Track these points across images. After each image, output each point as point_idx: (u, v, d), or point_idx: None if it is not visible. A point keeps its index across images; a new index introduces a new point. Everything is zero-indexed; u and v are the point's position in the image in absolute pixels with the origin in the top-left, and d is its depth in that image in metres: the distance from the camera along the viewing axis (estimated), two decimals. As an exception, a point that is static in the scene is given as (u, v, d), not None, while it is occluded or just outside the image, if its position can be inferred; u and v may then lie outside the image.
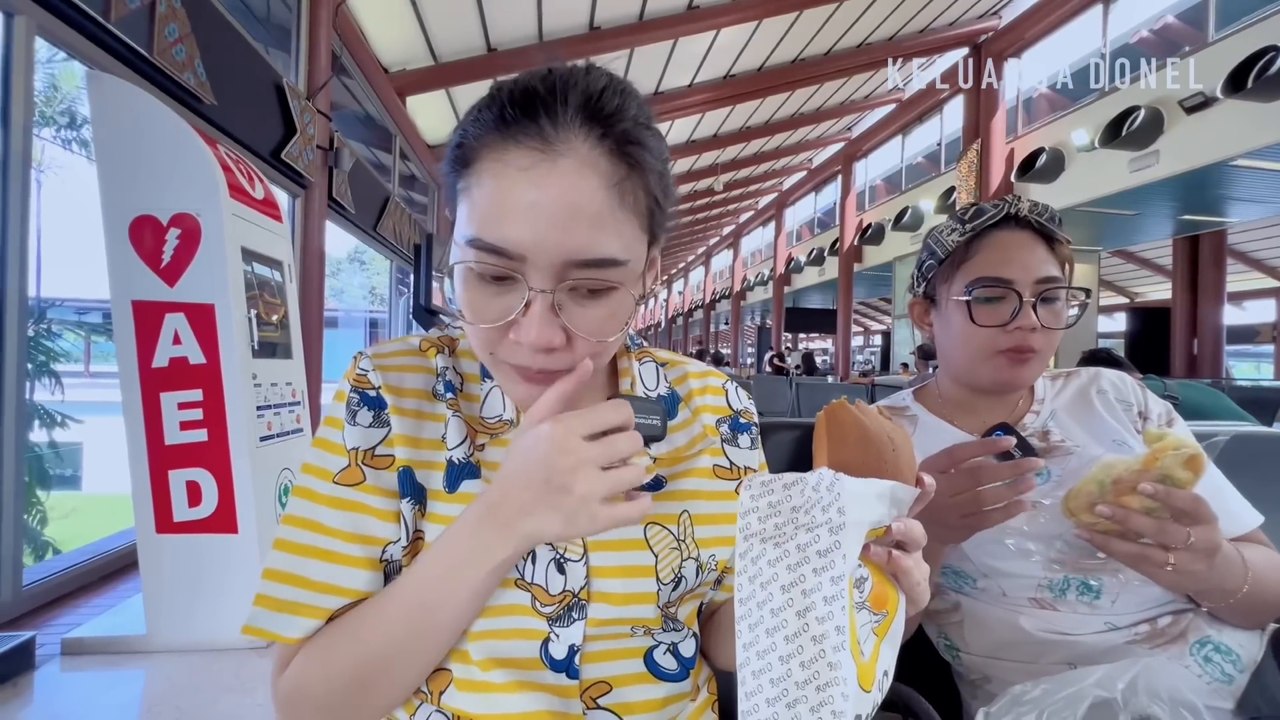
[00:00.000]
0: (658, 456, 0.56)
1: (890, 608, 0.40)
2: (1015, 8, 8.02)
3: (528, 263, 0.44)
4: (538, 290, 0.44)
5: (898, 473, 0.41)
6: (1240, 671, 0.65)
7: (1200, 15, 5.93)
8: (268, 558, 0.50)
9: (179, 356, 1.90)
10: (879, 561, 0.40)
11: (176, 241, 1.89)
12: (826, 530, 0.38)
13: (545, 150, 0.43)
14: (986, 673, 0.76)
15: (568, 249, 0.43)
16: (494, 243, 0.44)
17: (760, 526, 0.41)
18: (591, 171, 0.44)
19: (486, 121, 0.45)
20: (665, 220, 0.52)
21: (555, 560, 0.50)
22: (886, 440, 0.42)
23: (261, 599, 0.49)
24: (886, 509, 0.40)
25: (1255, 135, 5.16)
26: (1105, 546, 0.62)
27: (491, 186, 0.44)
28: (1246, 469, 0.97)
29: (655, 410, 0.54)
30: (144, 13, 2.47)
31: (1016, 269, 0.76)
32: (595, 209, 0.44)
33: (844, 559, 0.38)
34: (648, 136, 0.47)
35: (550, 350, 0.46)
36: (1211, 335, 9.28)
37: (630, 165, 0.46)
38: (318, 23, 4.24)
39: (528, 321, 0.44)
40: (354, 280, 16.08)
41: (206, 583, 1.87)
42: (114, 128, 1.87)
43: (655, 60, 7.24)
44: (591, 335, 0.46)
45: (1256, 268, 13.24)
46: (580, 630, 0.49)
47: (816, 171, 14.07)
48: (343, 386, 0.54)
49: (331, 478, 0.51)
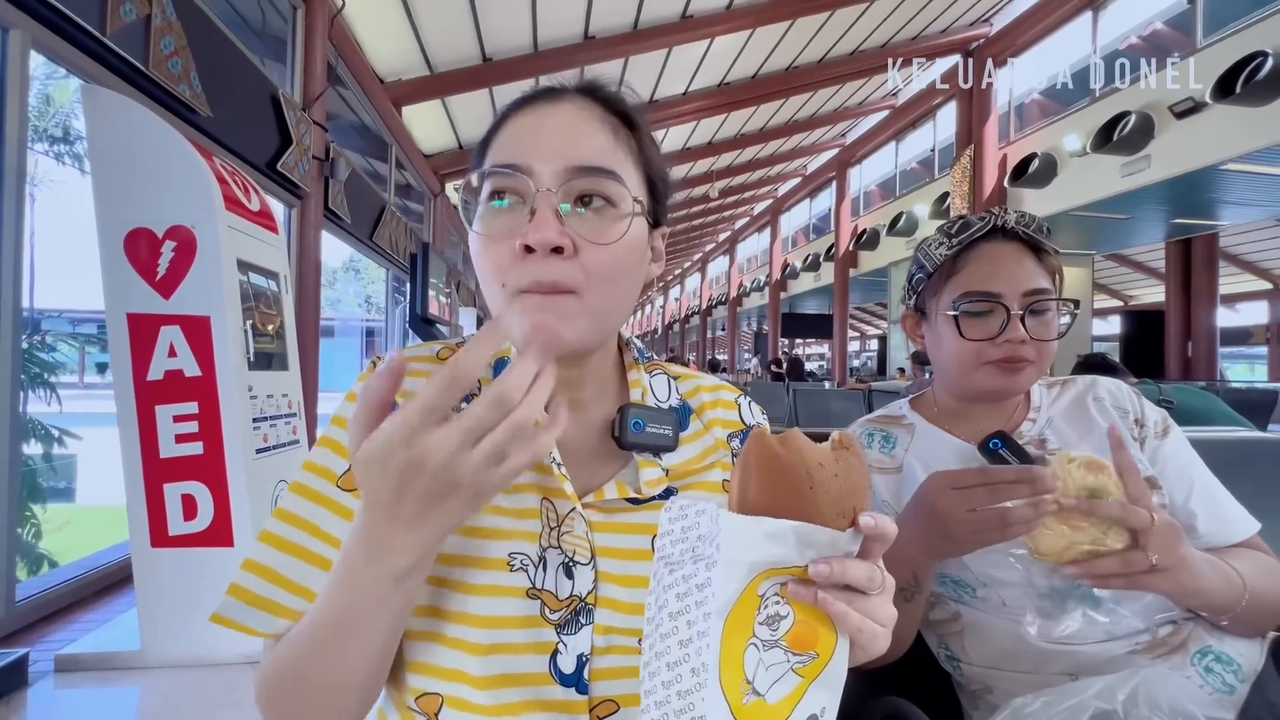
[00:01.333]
0: (669, 468, 0.55)
1: (822, 649, 0.38)
2: (1007, 14, 8.10)
3: (534, 175, 0.48)
4: (542, 190, 0.48)
5: (814, 511, 0.38)
6: (1241, 681, 0.65)
7: (1188, 21, 6.00)
8: (252, 549, 0.50)
9: (174, 369, 1.89)
10: (805, 601, 0.38)
11: (172, 254, 1.89)
12: (705, 565, 0.38)
13: (550, 99, 0.52)
14: (987, 683, 0.76)
15: (568, 157, 0.48)
16: (503, 159, 0.49)
17: (669, 550, 0.41)
18: (587, 111, 0.52)
19: (509, 106, 0.53)
20: (665, 204, 0.57)
21: (564, 564, 0.50)
22: (803, 477, 0.38)
23: (236, 589, 0.49)
24: (786, 550, 0.37)
25: (1245, 139, 5.21)
26: (1090, 572, 0.61)
27: (506, 133, 0.52)
28: (1242, 475, 0.97)
29: (667, 420, 0.55)
30: (139, 26, 2.48)
31: (1004, 282, 0.76)
32: (593, 132, 0.50)
33: (713, 596, 0.37)
34: (642, 118, 0.55)
35: (555, 251, 0.47)
36: (1205, 337, 9.34)
37: (624, 121, 0.53)
38: (313, 34, 4.25)
39: (534, 223, 0.47)
40: (350, 290, 16.07)
41: (202, 597, 1.85)
42: (109, 141, 1.87)
43: (650, 69, 7.28)
44: (596, 239, 0.48)
45: (1248, 270, 13.33)
46: (588, 638, 0.49)
47: (811, 178, 14.14)
48: (357, 388, 0.53)
49: (335, 480, 0.51)
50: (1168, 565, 0.60)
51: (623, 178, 0.50)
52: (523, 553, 0.50)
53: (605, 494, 0.52)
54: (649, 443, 0.54)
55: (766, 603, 0.38)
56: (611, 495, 0.52)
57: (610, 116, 0.53)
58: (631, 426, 0.53)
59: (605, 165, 0.49)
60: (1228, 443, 1.11)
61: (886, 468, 0.84)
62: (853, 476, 0.39)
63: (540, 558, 0.50)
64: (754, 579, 0.38)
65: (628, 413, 0.54)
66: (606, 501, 0.52)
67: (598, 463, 0.55)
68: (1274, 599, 0.67)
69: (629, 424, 0.53)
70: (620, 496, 0.53)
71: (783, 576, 0.38)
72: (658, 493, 0.54)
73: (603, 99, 0.53)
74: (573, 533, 0.51)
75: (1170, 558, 0.60)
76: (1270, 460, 1.10)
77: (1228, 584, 0.64)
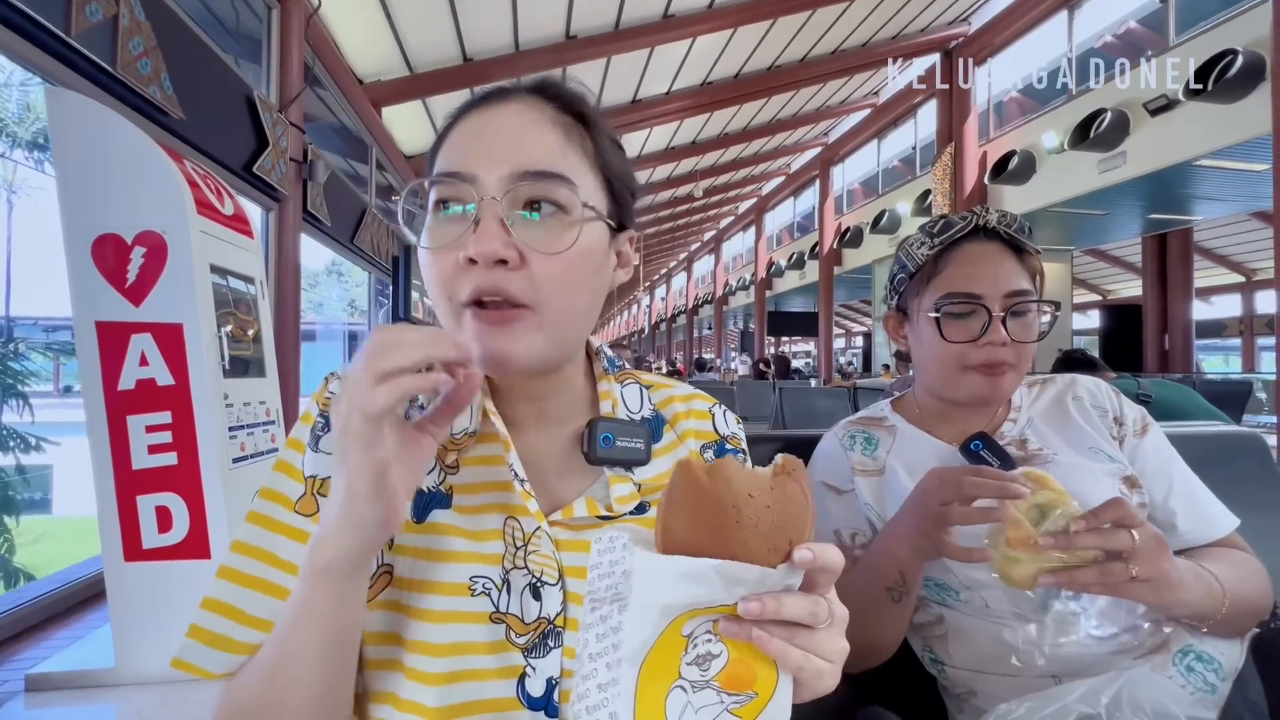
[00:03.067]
0: (641, 482, 0.53)
1: (760, 688, 0.36)
2: (984, 14, 8.19)
3: (478, 183, 0.46)
4: (486, 199, 0.45)
5: (739, 547, 0.35)
6: (1223, 680, 0.65)
7: (1160, 20, 6.10)
8: (210, 586, 0.47)
9: (146, 378, 1.84)
10: (738, 639, 0.35)
11: (142, 260, 1.84)
12: (619, 607, 0.36)
13: (500, 100, 0.49)
14: (972, 686, 0.75)
15: (514, 161, 0.46)
16: (448, 169, 0.47)
17: (595, 585, 0.38)
18: (537, 111, 0.49)
19: (459, 108, 0.51)
20: (629, 207, 0.54)
21: (531, 585, 0.48)
22: (728, 510, 0.35)
23: (196, 630, 0.46)
24: (709, 589, 0.35)
25: (1217, 136, 5.31)
26: (1071, 582, 0.60)
27: (453, 137, 0.50)
28: (1219, 469, 0.98)
29: (639, 433, 0.53)
30: (107, 26, 2.41)
31: (985, 283, 0.76)
32: (541, 134, 0.48)
33: (625, 642, 0.35)
34: (598, 115, 0.52)
35: (500, 263, 0.44)
36: (1181, 330, 9.52)
37: (577, 118, 0.50)
38: (289, 34, 4.18)
39: (476, 233, 0.45)
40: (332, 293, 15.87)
41: (178, 611, 1.81)
42: (75, 144, 1.82)
43: (633, 68, 7.27)
44: (545, 249, 0.45)
45: (1222, 263, 13.61)
46: (557, 661, 0.47)
47: (795, 176, 14.21)
48: (310, 408, 0.51)
49: (292, 505, 0.48)
50: (1149, 577, 0.59)
51: (574, 181, 0.47)
52: (485, 575, 0.47)
53: (574, 511, 0.50)
54: (620, 457, 0.52)
55: (695, 642, 0.36)
56: (581, 513, 0.50)
57: (563, 116, 0.50)
58: (601, 441, 0.51)
59: (553, 169, 0.47)
60: (1204, 437, 1.12)
61: (869, 470, 0.84)
62: (789, 507, 0.36)
63: (504, 580, 0.48)
64: (674, 620, 0.35)
65: (597, 427, 0.52)
66: (575, 519, 0.50)
67: (567, 478, 0.53)
68: (1254, 601, 0.67)
69: (598, 438, 0.51)
70: (590, 514, 0.51)
71: (712, 615, 0.36)
72: (629, 509, 0.52)
73: (554, 97, 0.50)
74: (539, 552, 0.49)
75: (1152, 570, 0.59)
76: (1245, 454, 1.11)
77: (1208, 592, 0.64)
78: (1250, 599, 0.67)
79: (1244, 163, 5.68)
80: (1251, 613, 0.67)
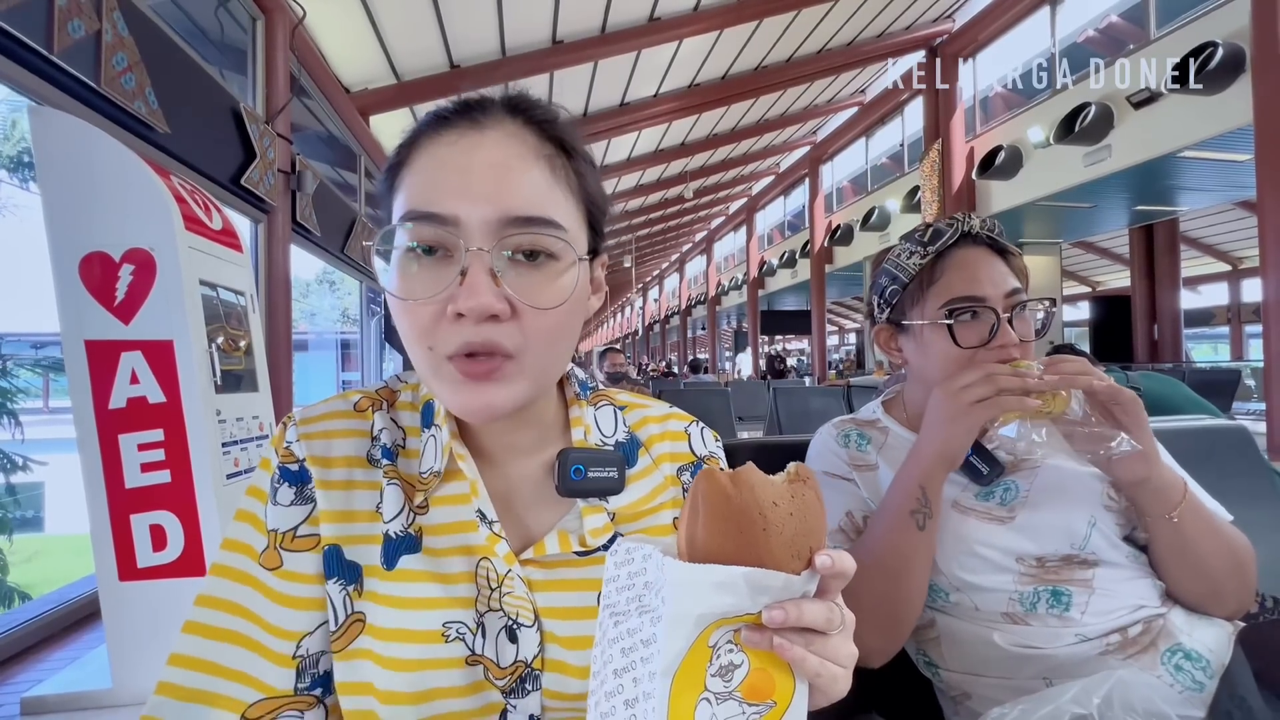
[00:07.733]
0: (615, 511, 0.52)
1: (779, 696, 0.36)
2: (967, 10, 8.25)
3: (461, 227, 0.42)
4: (474, 250, 0.42)
5: (767, 555, 0.35)
6: (1210, 677, 0.66)
7: (1141, 14, 6.16)
8: (177, 641, 0.45)
9: (137, 396, 1.83)
10: (760, 648, 0.36)
11: (130, 278, 1.83)
12: (650, 619, 0.36)
13: (474, 126, 0.45)
14: (966, 689, 0.76)
15: (502, 206, 0.43)
16: (426, 209, 0.43)
17: (615, 599, 0.38)
18: (519, 142, 0.45)
19: (422, 125, 0.47)
20: (603, 233, 0.52)
21: (507, 628, 0.46)
22: (756, 519, 0.36)
23: (165, 686, 0.44)
24: (738, 598, 0.35)
25: (1199, 127, 5.36)
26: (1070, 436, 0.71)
27: (423, 164, 0.45)
28: (1207, 462, 0.99)
29: (611, 461, 0.51)
30: (89, 42, 2.40)
31: (986, 286, 0.77)
32: (527, 171, 0.44)
33: (660, 654, 0.34)
34: (577, 138, 0.49)
35: (491, 318, 0.42)
36: (1170, 320, 9.61)
37: (559, 146, 0.47)
38: (274, 45, 4.17)
39: (465, 287, 0.41)
40: (325, 302, 15.79)
41: (175, 631, 1.79)
42: (60, 163, 1.81)
43: (620, 72, 7.28)
44: (535, 302, 0.43)
45: (1208, 253, 13.75)
46: (537, 701, 0.46)
47: (784, 175, 14.25)
48: (268, 455, 0.50)
49: (257, 557, 0.47)
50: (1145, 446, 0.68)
51: (563, 225, 0.45)
52: (459, 621, 0.46)
53: (546, 548, 0.49)
54: (592, 488, 0.50)
55: (719, 653, 0.36)
56: (553, 549, 0.49)
57: (545, 145, 0.46)
58: (571, 473, 0.50)
59: (544, 214, 0.44)
60: (1192, 431, 1.13)
61: (864, 465, 0.84)
62: (809, 515, 0.37)
63: (478, 624, 0.46)
64: (704, 631, 0.35)
65: (567, 458, 0.50)
66: (548, 556, 0.49)
67: (539, 509, 0.52)
68: (1227, 540, 0.72)
69: (569, 471, 0.50)
70: (562, 550, 0.49)
71: (735, 624, 0.36)
72: (602, 543, 0.50)
73: (534, 123, 0.47)
74: (514, 593, 0.47)
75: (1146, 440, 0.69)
76: (1233, 447, 1.12)
77: (1175, 480, 0.73)
78: (1211, 523, 0.73)
79: (1227, 153, 5.75)
80: (1213, 537, 0.72)
